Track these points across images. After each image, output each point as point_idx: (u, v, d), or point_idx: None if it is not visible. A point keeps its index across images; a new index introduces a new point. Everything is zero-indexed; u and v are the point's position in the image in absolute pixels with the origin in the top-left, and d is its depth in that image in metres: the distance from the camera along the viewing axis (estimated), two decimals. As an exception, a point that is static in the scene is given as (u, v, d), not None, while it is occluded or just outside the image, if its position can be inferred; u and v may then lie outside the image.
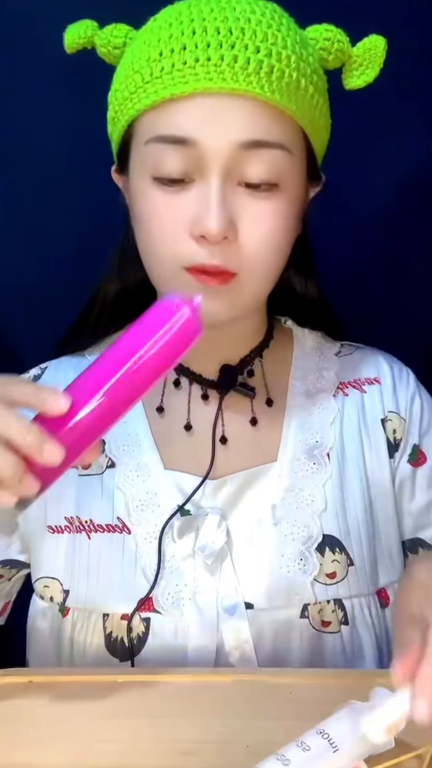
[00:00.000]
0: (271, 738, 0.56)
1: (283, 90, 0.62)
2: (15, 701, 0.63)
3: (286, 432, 0.76)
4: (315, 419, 0.77)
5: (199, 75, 0.61)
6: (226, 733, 0.58)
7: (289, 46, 0.63)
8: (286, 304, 0.82)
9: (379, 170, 1.03)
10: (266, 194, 0.64)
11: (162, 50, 0.63)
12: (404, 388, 0.81)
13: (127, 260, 0.78)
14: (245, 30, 0.62)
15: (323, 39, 0.68)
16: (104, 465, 0.76)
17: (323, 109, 0.68)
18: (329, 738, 0.51)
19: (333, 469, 0.75)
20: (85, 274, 0.83)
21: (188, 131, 0.62)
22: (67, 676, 0.66)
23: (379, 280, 1.09)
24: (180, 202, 0.64)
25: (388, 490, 0.77)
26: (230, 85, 0.61)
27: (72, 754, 0.56)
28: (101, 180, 0.76)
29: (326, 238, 0.80)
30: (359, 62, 0.69)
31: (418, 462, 0.78)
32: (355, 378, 0.81)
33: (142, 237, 0.68)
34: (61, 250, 1.06)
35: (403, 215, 1.06)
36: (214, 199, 0.62)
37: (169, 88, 0.62)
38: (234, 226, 0.63)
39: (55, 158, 1.02)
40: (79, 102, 0.91)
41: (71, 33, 0.70)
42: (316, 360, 0.82)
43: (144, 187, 0.65)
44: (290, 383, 0.79)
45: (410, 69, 0.95)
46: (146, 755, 0.56)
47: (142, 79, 0.64)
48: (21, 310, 1.08)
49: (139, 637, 0.70)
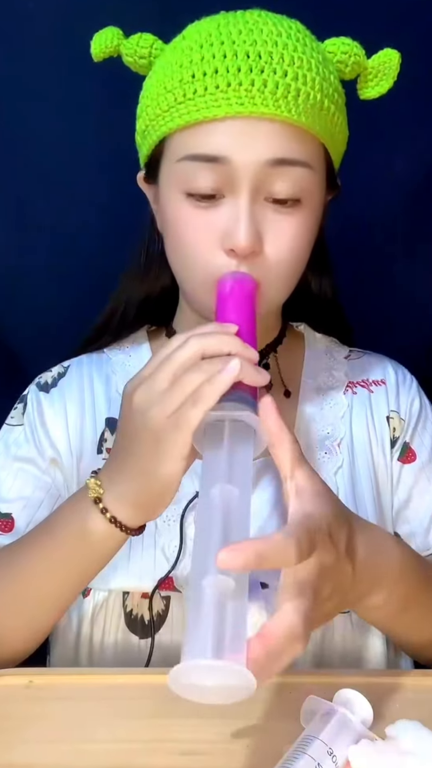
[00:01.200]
0: (271, 738, 0.56)
1: (308, 112, 0.65)
2: (15, 701, 0.63)
3: (299, 423, 0.80)
4: (326, 413, 0.81)
5: (231, 99, 0.64)
6: (226, 733, 0.58)
7: (313, 67, 0.66)
8: (302, 307, 0.86)
9: (379, 170, 1.03)
10: (290, 209, 0.67)
11: (194, 72, 0.65)
12: (407, 392, 0.85)
13: (151, 264, 0.82)
14: (273, 54, 0.65)
15: (341, 52, 0.70)
16: None
17: (342, 125, 0.71)
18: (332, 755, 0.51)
19: (344, 458, 0.79)
20: (93, 280, 0.84)
21: (220, 151, 0.65)
22: (67, 676, 0.66)
23: (380, 280, 1.09)
24: (211, 216, 0.67)
25: (389, 482, 0.80)
26: (260, 110, 0.64)
27: (72, 754, 0.56)
28: (108, 181, 0.77)
29: (327, 240, 0.81)
30: (374, 74, 0.72)
31: (406, 459, 0.82)
32: (363, 379, 0.85)
33: (175, 248, 0.71)
34: (63, 250, 1.06)
35: (403, 215, 1.06)
36: (244, 215, 0.65)
37: (202, 111, 0.65)
38: (260, 239, 0.66)
39: (61, 163, 1.02)
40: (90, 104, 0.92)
41: (98, 42, 0.71)
42: (326, 361, 0.86)
43: (176, 201, 0.68)
44: (302, 381, 0.83)
45: (411, 69, 0.95)
46: (146, 755, 0.56)
47: (175, 99, 0.66)
48: (22, 310, 1.08)
49: (159, 614, 0.73)
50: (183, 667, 0.43)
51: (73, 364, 0.85)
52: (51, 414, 0.80)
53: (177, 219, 0.69)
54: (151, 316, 0.86)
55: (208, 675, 0.44)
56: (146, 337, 0.86)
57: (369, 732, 0.53)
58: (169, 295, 0.82)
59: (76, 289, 1.03)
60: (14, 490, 0.79)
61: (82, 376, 0.83)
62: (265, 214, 0.66)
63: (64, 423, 0.80)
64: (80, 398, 0.81)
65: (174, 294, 0.80)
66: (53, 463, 0.79)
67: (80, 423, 0.80)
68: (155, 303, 0.84)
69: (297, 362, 0.85)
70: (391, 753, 0.50)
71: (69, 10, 0.95)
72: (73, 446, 0.79)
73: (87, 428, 0.80)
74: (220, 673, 0.44)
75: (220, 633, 0.44)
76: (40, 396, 0.82)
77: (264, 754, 0.55)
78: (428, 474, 0.81)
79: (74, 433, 0.79)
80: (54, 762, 0.56)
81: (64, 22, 0.94)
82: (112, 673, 0.67)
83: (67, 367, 0.85)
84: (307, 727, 0.53)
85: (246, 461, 0.54)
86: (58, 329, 0.90)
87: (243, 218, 0.65)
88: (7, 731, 0.59)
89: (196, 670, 0.44)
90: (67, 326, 0.88)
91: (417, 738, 0.51)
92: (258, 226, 0.66)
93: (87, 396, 0.81)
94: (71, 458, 0.79)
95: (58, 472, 0.79)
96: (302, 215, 0.68)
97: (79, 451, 0.79)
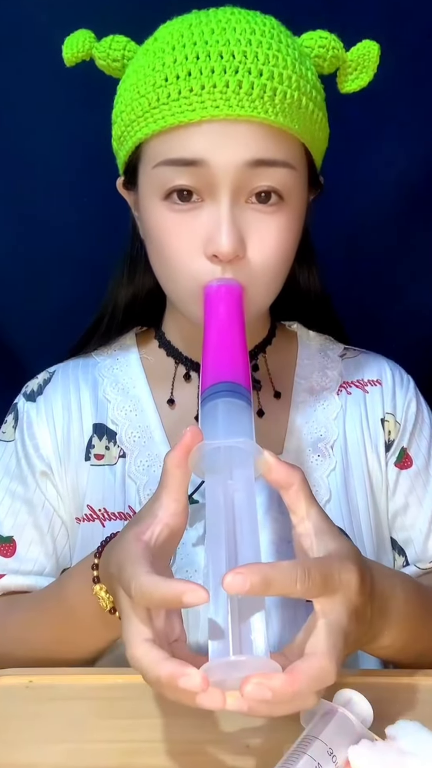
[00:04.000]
0: (272, 738, 0.56)
1: (285, 111, 0.64)
2: (15, 701, 0.63)
3: (291, 425, 0.79)
4: (319, 414, 0.80)
5: (206, 102, 0.62)
6: (226, 733, 0.58)
7: (289, 65, 0.64)
8: (293, 305, 0.84)
9: (379, 170, 1.03)
10: (273, 210, 0.66)
11: (167, 76, 0.64)
12: (403, 393, 0.83)
13: (136, 268, 0.81)
14: (247, 53, 0.63)
15: (318, 47, 0.69)
16: (116, 456, 0.77)
17: (322, 123, 0.70)
18: (332, 755, 0.51)
19: (337, 461, 0.78)
20: (89, 278, 0.84)
21: (197, 154, 0.63)
22: (67, 676, 0.66)
23: (380, 280, 1.09)
24: (192, 222, 0.65)
25: (384, 484, 0.79)
26: (236, 112, 0.62)
27: (72, 754, 0.57)
28: (105, 184, 0.77)
29: (324, 239, 0.81)
30: (354, 67, 0.70)
31: (403, 465, 0.80)
32: (359, 378, 0.83)
33: (157, 256, 0.70)
34: (66, 254, 1.06)
35: (403, 215, 1.06)
36: (225, 219, 0.64)
37: (177, 116, 0.63)
38: (243, 243, 0.65)
39: (58, 162, 1.02)
40: (81, 107, 0.91)
41: (69, 46, 0.70)
42: (320, 360, 0.84)
43: (155, 207, 0.67)
44: (295, 381, 0.82)
45: (412, 67, 0.95)
46: (146, 755, 0.56)
47: (149, 104, 0.65)
48: (22, 312, 1.08)
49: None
50: (210, 666, 0.45)
51: (59, 370, 0.84)
52: (38, 424, 0.79)
53: (158, 226, 0.67)
54: (140, 317, 0.85)
55: (234, 671, 0.45)
56: (134, 341, 0.85)
57: (369, 732, 0.53)
58: (157, 296, 0.80)
59: (76, 289, 1.03)
60: (11, 512, 0.78)
61: (68, 382, 0.82)
62: (247, 217, 0.65)
63: (52, 431, 0.79)
64: (66, 404, 0.80)
65: (161, 294, 0.78)
66: (44, 476, 0.78)
67: (67, 430, 0.79)
68: (142, 305, 0.83)
69: (289, 362, 0.83)
70: (391, 753, 0.50)
71: (69, 9, 0.95)
72: (61, 454, 0.78)
73: (74, 434, 0.79)
74: (245, 669, 0.45)
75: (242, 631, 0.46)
76: (27, 407, 0.81)
77: (264, 754, 0.55)
78: (425, 480, 0.80)
79: (62, 440, 0.78)
80: (54, 762, 0.56)
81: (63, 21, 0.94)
82: (112, 673, 0.67)
83: (53, 372, 0.84)
84: (307, 727, 0.53)
85: (248, 481, 0.53)
86: (58, 328, 0.90)
87: (224, 223, 0.63)
88: (7, 731, 0.59)
89: (222, 668, 0.45)
90: (67, 325, 0.88)
91: (417, 738, 0.51)
92: (240, 229, 0.64)
93: (73, 401, 0.80)
94: (60, 467, 0.78)
95: (49, 486, 0.78)
96: (285, 216, 0.66)
97: (66, 458, 0.78)
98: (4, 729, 0.59)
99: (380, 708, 0.57)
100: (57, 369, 0.84)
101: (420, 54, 0.97)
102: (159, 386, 0.81)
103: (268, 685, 0.45)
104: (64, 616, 0.67)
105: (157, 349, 0.83)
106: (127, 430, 0.78)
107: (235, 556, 0.49)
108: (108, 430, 0.79)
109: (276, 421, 0.79)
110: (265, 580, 0.46)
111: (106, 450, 0.78)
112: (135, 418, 0.79)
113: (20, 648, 0.71)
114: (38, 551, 0.77)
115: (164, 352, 0.82)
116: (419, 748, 0.50)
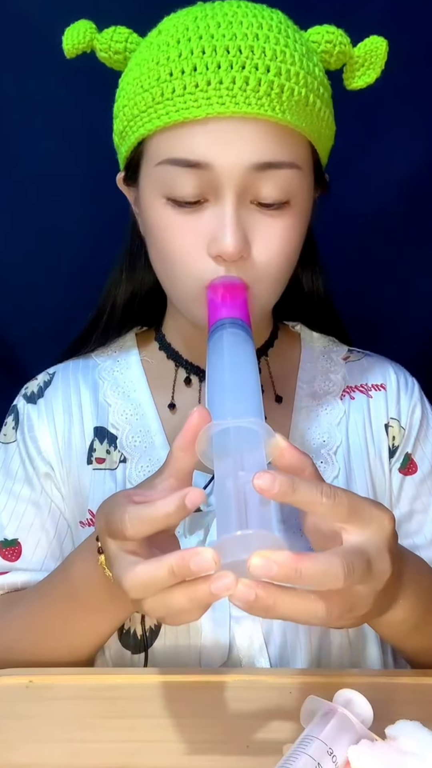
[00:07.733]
0: (271, 738, 0.56)
1: (293, 109, 0.63)
2: (15, 701, 0.63)
3: (293, 430, 0.77)
4: (322, 420, 0.78)
5: (212, 99, 0.61)
6: (226, 733, 0.58)
7: (297, 61, 0.63)
8: (296, 307, 0.84)
9: (380, 170, 1.03)
10: (278, 211, 0.65)
11: (172, 70, 0.62)
12: (408, 398, 0.81)
13: (135, 265, 0.80)
14: (254, 48, 0.61)
15: (325, 42, 0.67)
16: (117, 460, 0.77)
17: (329, 120, 0.69)
18: (332, 754, 0.51)
19: (340, 468, 0.76)
20: (89, 276, 0.83)
21: (201, 155, 0.62)
22: (67, 676, 0.66)
23: (380, 280, 1.09)
24: (196, 222, 0.64)
25: (388, 492, 0.78)
26: (243, 109, 0.61)
27: (72, 754, 0.56)
28: (104, 181, 0.76)
29: (326, 239, 0.81)
30: (361, 63, 0.69)
31: (408, 471, 0.79)
32: (363, 383, 0.82)
33: (159, 254, 0.69)
34: (65, 251, 1.06)
35: (404, 215, 1.06)
36: (230, 220, 0.62)
37: (181, 112, 0.62)
38: (248, 243, 0.64)
39: (56, 161, 1.02)
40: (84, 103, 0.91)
41: (70, 37, 0.69)
42: (323, 363, 0.83)
43: (157, 206, 0.66)
44: (297, 385, 0.80)
45: (412, 66, 0.95)
46: (146, 755, 0.56)
47: (153, 98, 0.63)
48: (23, 312, 1.08)
49: (152, 629, 0.70)
50: (218, 544, 0.45)
51: (58, 371, 0.82)
52: (39, 427, 0.78)
53: (160, 225, 0.66)
54: (139, 316, 0.84)
55: (242, 551, 0.45)
56: (134, 341, 0.83)
57: (369, 732, 0.53)
58: (157, 294, 0.78)
59: (75, 286, 1.03)
60: (16, 515, 0.77)
61: (69, 384, 0.81)
62: (252, 217, 0.64)
63: (53, 434, 0.78)
64: (67, 407, 0.79)
65: (161, 293, 0.76)
66: (47, 478, 0.77)
67: (68, 433, 0.78)
68: (142, 303, 0.81)
69: (292, 366, 0.82)
70: (391, 753, 0.50)
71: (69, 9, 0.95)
72: (63, 456, 0.77)
73: (75, 438, 0.78)
74: (252, 546, 0.45)
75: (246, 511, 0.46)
76: (28, 409, 0.80)
77: (264, 754, 0.55)
78: (430, 486, 0.79)
79: (63, 443, 0.78)
80: (54, 762, 0.56)
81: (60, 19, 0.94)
82: (112, 673, 0.67)
83: (53, 374, 0.82)
84: (307, 727, 0.53)
85: (260, 461, 0.51)
86: (58, 328, 0.89)
87: (229, 223, 0.62)
88: (6, 731, 0.59)
89: (230, 545, 0.45)
90: (68, 325, 0.87)
91: (417, 738, 0.51)
92: (245, 230, 0.63)
93: (74, 404, 0.79)
94: (62, 469, 0.77)
95: (53, 487, 0.77)
96: (290, 216, 0.65)
97: (68, 460, 0.77)
98: (3, 729, 0.59)
99: (380, 708, 0.57)
100: (57, 370, 0.83)
101: (422, 52, 0.97)
102: (160, 390, 0.80)
103: (274, 558, 0.44)
104: (70, 598, 0.66)
105: (157, 351, 0.82)
106: (127, 435, 0.77)
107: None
108: (109, 434, 0.78)
109: (278, 427, 0.77)
110: (292, 484, 0.45)
111: (106, 454, 0.77)
112: (136, 422, 0.78)
113: (25, 639, 0.71)
114: (44, 553, 0.77)
115: (164, 354, 0.81)
116: (419, 748, 0.50)
